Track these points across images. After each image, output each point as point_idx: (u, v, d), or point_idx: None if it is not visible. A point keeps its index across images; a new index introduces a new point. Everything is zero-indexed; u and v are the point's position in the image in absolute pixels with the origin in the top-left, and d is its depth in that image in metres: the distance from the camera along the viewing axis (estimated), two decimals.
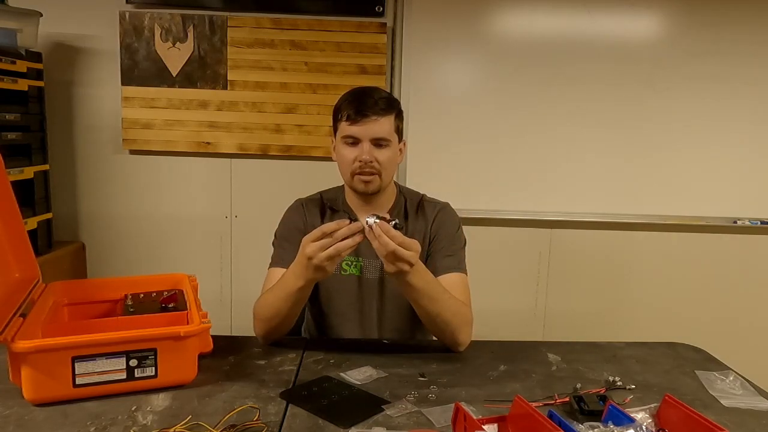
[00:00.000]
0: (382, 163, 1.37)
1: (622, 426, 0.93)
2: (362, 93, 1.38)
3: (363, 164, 1.35)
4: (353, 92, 1.40)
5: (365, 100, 1.36)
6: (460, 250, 1.47)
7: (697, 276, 2.64)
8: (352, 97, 1.38)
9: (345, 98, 1.39)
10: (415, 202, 1.51)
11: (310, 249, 1.14)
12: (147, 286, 1.40)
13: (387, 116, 1.36)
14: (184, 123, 2.48)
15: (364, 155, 1.35)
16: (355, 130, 1.35)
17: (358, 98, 1.37)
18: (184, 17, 2.41)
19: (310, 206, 1.51)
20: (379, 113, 1.35)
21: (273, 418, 1.02)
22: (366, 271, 1.46)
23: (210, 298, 2.46)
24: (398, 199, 1.50)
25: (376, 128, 1.35)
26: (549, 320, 2.67)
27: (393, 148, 1.39)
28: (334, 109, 1.42)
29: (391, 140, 1.38)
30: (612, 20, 2.44)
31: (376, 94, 1.38)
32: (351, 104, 1.36)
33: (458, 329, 1.31)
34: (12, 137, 2.15)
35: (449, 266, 1.41)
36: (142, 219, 2.56)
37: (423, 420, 1.03)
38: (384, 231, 1.13)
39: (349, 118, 1.35)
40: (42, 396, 1.04)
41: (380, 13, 2.44)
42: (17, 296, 1.17)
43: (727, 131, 2.50)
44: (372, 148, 1.35)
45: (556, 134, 2.50)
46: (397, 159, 1.43)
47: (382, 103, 1.36)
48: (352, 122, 1.35)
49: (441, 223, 1.47)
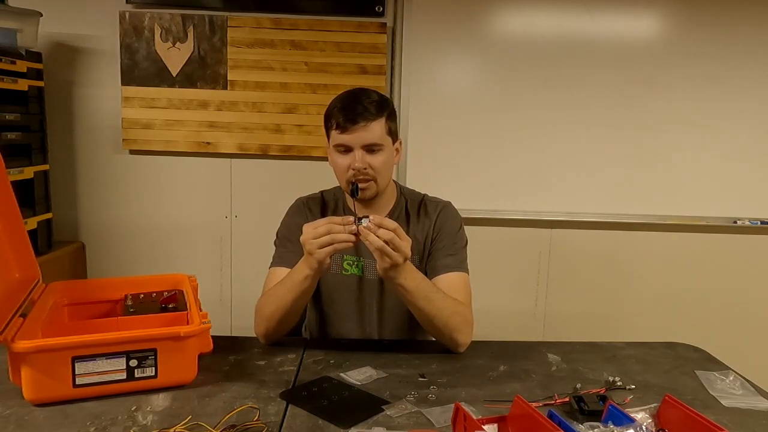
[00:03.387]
0: (377, 169, 1.35)
1: (622, 426, 0.93)
2: (351, 99, 1.35)
3: (357, 172, 1.34)
4: (342, 98, 1.37)
5: (354, 106, 1.33)
6: (462, 249, 1.47)
7: (697, 276, 2.64)
8: (341, 103, 1.35)
9: (334, 105, 1.37)
10: (417, 203, 1.51)
11: (305, 233, 1.17)
12: (147, 286, 1.40)
13: (377, 120, 1.33)
14: (184, 123, 2.48)
15: (357, 163, 1.32)
16: (345, 138, 1.33)
17: (347, 105, 1.34)
18: (184, 17, 2.41)
19: (312, 205, 1.51)
20: (369, 119, 1.32)
21: (273, 418, 1.03)
22: (367, 272, 1.46)
23: (210, 299, 2.46)
24: (399, 201, 1.50)
25: (367, 135, 1.32)
26: (549, 320, 2.67)
27: (387, 151, 1.37)
28: (324, 116, 1.40)
29: (384, 144, 1.36)
30: (612, 21, 2.44)
31: (365, 98, 1.34)
32: (340, 112, 1.33)
33: (457, 330, 1.31)
34: (12, 137, 2.15)
35: (450, 265, 1.41)
36: (142, 219, 2.56)
37: (423, 420, 1.03)
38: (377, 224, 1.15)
39: (339, 126, 1.33)
40: (42, 396, 1.04)
41: (380, 13, 2.44)
42: (17, 296, 1.17)
43: (727, 131, 2.50)
44: (365, 155, 1.33)
45: (556, 134, 2.50)
46: (393, 161, 1.42)
47: (371, 108, 1.33)
48: (342, 130, 1.32)
49: (443, 222, 1.47)
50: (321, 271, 1.22)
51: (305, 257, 1.21)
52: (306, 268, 1.21)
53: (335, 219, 1.17)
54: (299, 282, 1.24)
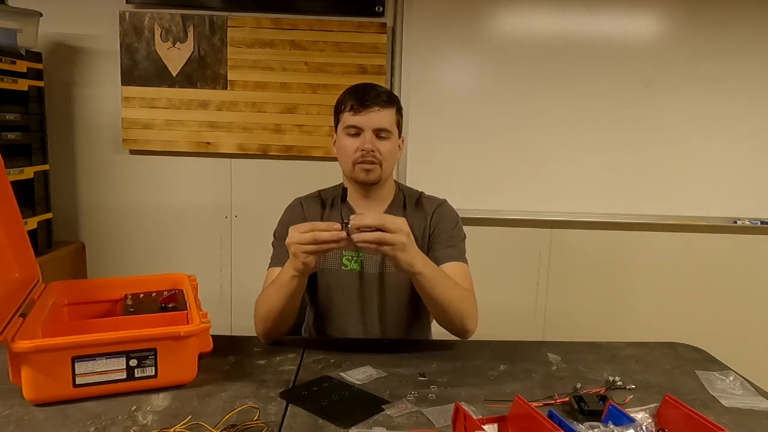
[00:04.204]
0: (384, 154, 1.40)
1: (622, 426, 0.93)
2: (365, 86, 1.43)
3: (365, 153, 1.38)
4: (356, 86, 1.44)
5: (368, 91, 1.40)
6: (461, 242, 1.48)
7: (697, 276, 2.64)
8: (354, 89, 1.42)
9: (348, 91, 1.43)
10: (414, 199, 1.53)
11: (290, 236, 1.16)
12: (147, 286, 1.40)
13: (389, 109, 1.40)
14: (184, 123, 2.48)
15: (367, 144, 1.38)
16: (357, 120, 1.38)
17: (361, 90, 1.41)
18: (184, 17, 2.41)
19: (309, 203, 1.52)
20: (382, 105, 1.39)
21: (273, 418, 1.02)
22: (367, 266, 1.46)
23: (210, 298, 2.46)
24: (397, 195, 1.52)
25: (379, 119, 1.38)
26: (549, 320, 2.67)
27: (393, 140, 1.43)
28: (336, 103, 1.46)
29: (392, 132, 1.42)
30: (612, 20, 2.44)
31: (379, 87, 1.43)
32: (354, 95, 1.40)
33: (467, 317, 1.32)
34: (12, 137, 2.15)
35: (450, 256, 1.42)
36: (142, 219, 2.56)
37: (423, 420, 1.03)
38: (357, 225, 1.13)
39: (353, 108, 1.39)
40: (42, 396, 1.04)
41: (380, 13, 2.44)
42: (17, 296, 1.16)
43: (727, 131, 2.50)
44: (374, 139, 1.39)
45: (556, 134, 2.50)
46: (397, 153, 1.47)
47: (384, 96, 1.40)
48: (355, 112, 1.38)
49: (440, 217, 1.49)
50: (307, 271, 1.22)
51: (291, 258, 1.21)
52: (292, 269, 1.22)
53: (320, 225, 1.16)
54: (287, 282, 1.24)
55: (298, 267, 1.20)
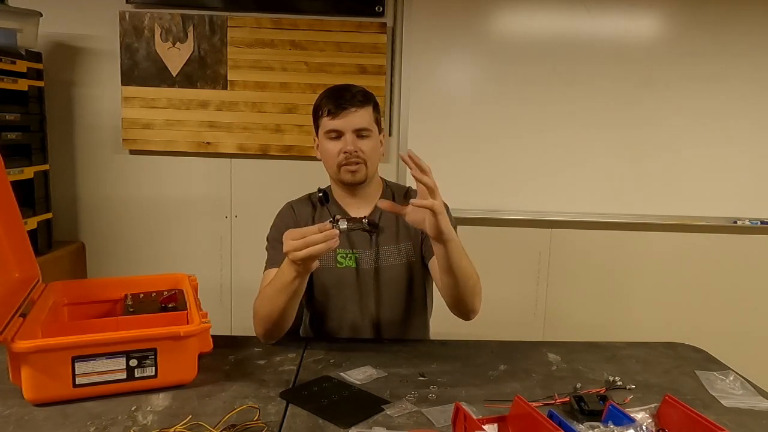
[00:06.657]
0: (366, 153, 1.42)
1: (622, 426, 0.93)
2: (339, 88, 1.44)
3: (348, 155, 1.40)
4: (330, 89, 1.45)
5: (343, 93, 1.41)
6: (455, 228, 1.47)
7: (697, 276, 2.64)
8: (329, 93, 1.44)
9: (323, 95, 1.45)
10: (402, 193, 1.55)
11: (286, 246, 1.16)
12: (147, 286, 1.40)
13: (365, 108, 1.42)
14: (184, 123, 2.48)
15: (349, 146, 1.40)
16: (337, 124, 1.40)
17: (336, 93, 1.42)
18: (184, 17, 2.41)
19: (299, 205, 1.54)
20: (358, 105, 1.40)
21: (273, 418, 1.03)
22: (362, 262, 1.47)
23: (210, 298, 2.46)
24: (385, 191, 1.54)
25: (357, 119, 1.40)
26: (549, 320, 2.67)
27: (374, 138, 1.44)
28: (313, 108, 1.48)
29: (372, 130, 1.43)
30: (612, 20, 2.44)
31: (353, 88, 1.44)
32: (330, 99, 1.41)
33: (478, 296, 1.33)
34: (12, 137, 2.15)
35: None
36: (142, 218, 2.56)
37: (423, 420, 1.03)
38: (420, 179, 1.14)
39: (330, 112, 1.40)
40: (42, 396, 1.04)
41: (380, 13, 2.44)
42: (17, 296, 1.17)
43: (727, 131, 2.50)
44: (355, 139, 1.41)
45: (556, 134, 2.50)
46: (380, 149, 1.48)
47: (359, 96, 1.42)
48: (333, 116, 1.40)
49: None
50: (308, 272, 1.22)
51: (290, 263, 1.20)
52: (292, 271, 1.21)
53: (310, 229, 1.15)
54: (288, 283, 1.24)
55: (299, 270, 1.20)
